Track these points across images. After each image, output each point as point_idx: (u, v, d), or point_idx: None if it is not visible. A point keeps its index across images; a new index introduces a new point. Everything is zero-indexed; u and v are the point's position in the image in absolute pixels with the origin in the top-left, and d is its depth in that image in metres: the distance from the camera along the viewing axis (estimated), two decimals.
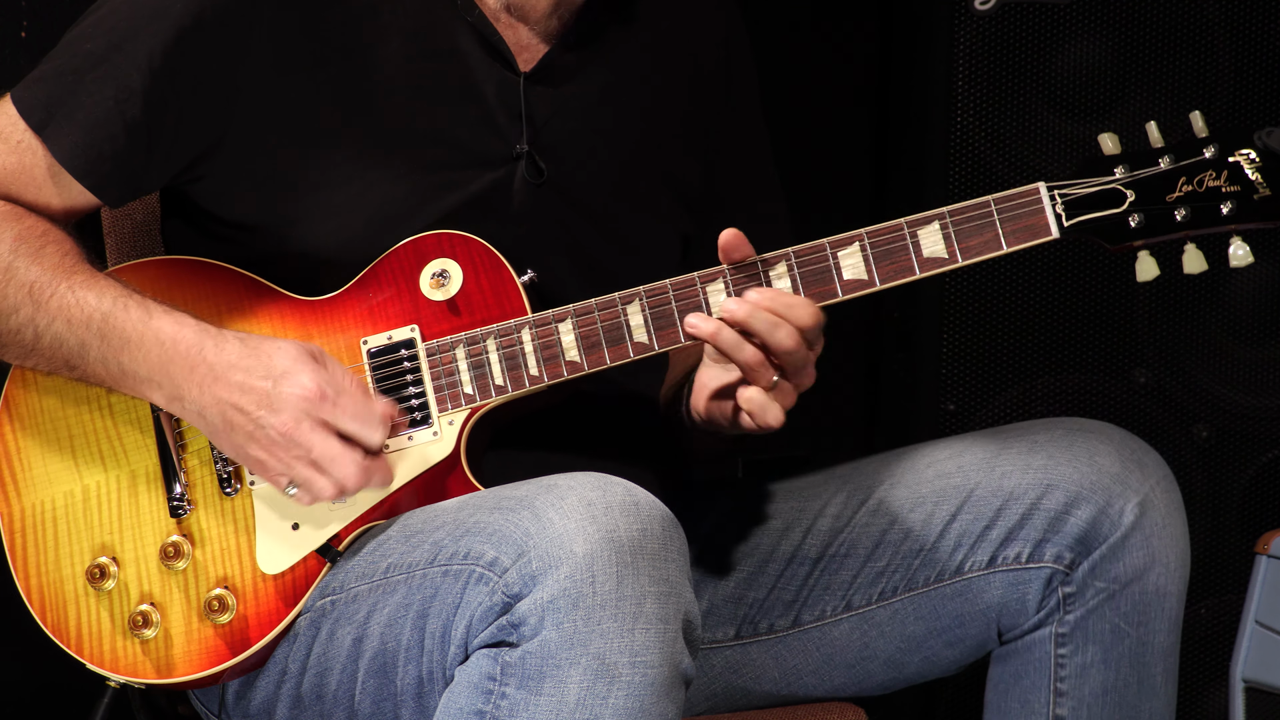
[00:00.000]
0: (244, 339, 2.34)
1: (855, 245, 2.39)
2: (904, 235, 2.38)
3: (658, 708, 2.18)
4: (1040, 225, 2.38)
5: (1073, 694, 2.52)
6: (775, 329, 2.35)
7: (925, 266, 2.38)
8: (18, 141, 2.42)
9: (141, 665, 2.38)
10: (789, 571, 2.61)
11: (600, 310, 2.41)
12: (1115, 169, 2.38)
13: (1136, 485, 2.50)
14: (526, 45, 2.52)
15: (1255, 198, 2.35)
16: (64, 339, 2.37)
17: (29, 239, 2.39)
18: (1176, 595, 2.52)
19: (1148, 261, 2.39)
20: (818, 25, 3.61)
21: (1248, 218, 2.36)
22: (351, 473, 2.30)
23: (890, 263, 2.38)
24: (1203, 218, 2.36)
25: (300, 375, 2.30)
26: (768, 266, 2.40)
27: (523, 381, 2.41)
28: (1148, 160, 2.38)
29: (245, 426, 2.31)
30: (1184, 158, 2.37)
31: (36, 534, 2.41)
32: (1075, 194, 2.38)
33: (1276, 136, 2.33)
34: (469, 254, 2.43)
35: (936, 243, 2.38)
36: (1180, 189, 2.37)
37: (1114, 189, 2.38)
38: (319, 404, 2.30)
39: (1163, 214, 2.37)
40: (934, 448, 2.61)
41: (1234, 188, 2.36)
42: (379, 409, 2.33)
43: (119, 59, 2.40)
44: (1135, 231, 2.37)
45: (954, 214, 2.38)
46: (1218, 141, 2.36)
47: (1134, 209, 2.38)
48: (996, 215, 2.38)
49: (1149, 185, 2.37)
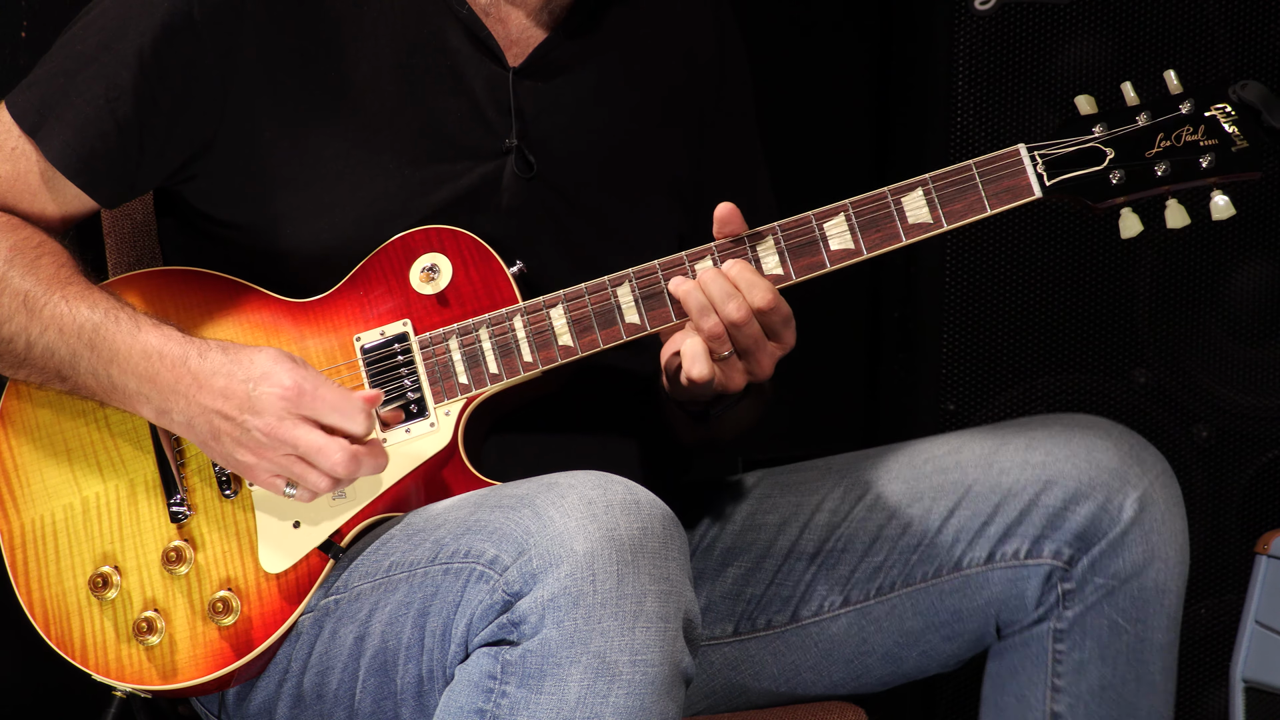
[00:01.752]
0: (226, 348, 2.34)
1: (840, 216, 2.41)
2: (888, 203, 2.40)
3: (658, 706, 2.19)
4: (1022, 186, 2.39)
5: (1070, 689, 2.52)
6: (728, 299, 2.36)
7: (911, 233, 2.40)
8: (12, 148, 2.43)
9: (147, 672, 2.38)
10: (786, 567, 2.62)
11: (590, 293, 2.42)
12: (1094, 128, 2.40)
13: (1136, 481, 2.50)
14: (516, 40, 2.53)
15: (1233, 150, 2.37)
16: (56, 349, 2.37)
17: (24, 250, 2.40)
18: (1176, 591, 2.52)
19: (1130, 218, 2.40)
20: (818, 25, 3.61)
21: (1227, 169, 2.37)
22: (340, 460, 2.30)
23: (876, 230, 2.40)
24: (1183, 172, 2.38)
25: (278, 375, 2.31)
26: (755, 241, 2.41)
27: (517, 369, 2.42)
28: (1125, 118, 2.40)
29: (231, 432, 2.32)
30: (1161, 114, 2.39)
31: (37, 548, 2.41)
32: (1055, 154, 2.39)
33: (1251, 89, 2.36)
34: (457, 247, 2.44)
35: (921, 208, 2.39)
36: (1159, 145, 2.38)
37: (1093, 147, 2.39)
38: (298, 400, 2.30)
39: (1143, 169, 2.38)
40: (932, 443, 2.61)
41: (1212, 141, 2.37)
42: (360, 395, 2.33)
43: (108, 58, 2.41)
44: (1117, 188, 2.39)
45: (936, 179, 2.40)
46: (1193, 97, 2.39)
47: (1114, 166, 2.39)
48: (979, 178, 2.39)
49: (1128, 142, 2.39)
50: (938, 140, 3.30)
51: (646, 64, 2.61)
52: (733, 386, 2.42)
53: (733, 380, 2.41)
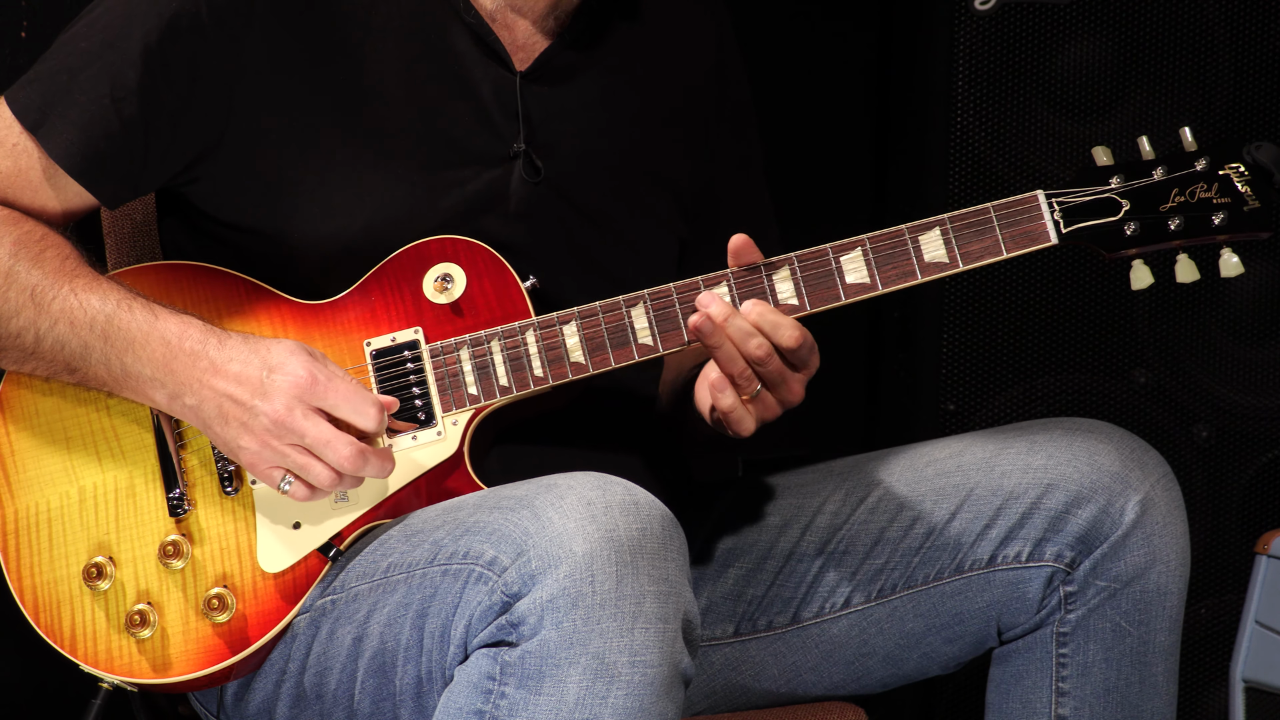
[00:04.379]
0: (246, 337, 2.34)
1: (857, 250, 2.41)
2: (905, 240, 2.41)
3: (657, 707, 2.18)
4: (1039, 232, 2.41)
5: (1074, 694, 2.52)
6: (748, 338, 2.36)
7: (927, 271, 2.41)
8: (13, 145, 2.42)
9: (138, 664, 2.37)
10: (787, 568, 2.62)
11: (605, 313, 2.42)
12: (1111, 179, 2.42)
13: (1137, 484, 2.51)
14: (523, 45, 2.52)
15: (1245, 209, 2.40)
16: (66, 341, 2.36)
17: (28, 243, 2.39)
18: (1177, 594, 2.52)
19: (1142, 270, 2.43)
20: (818, 25, 3.61)
21: (1238, 228, 2.40)
22: (347, 454, 2.30)
23: (892, 267, 2.41)
24: (1195, 227, 2.41)
25: (293, 365, 2.30)
26: (771, 270, 2.41)
27: (527, 383, 2.41)
28: (1142, 171, 2.42)
29: (239, 416, 2.31)
30: (1176, 169, 2.42)
31: (31, 535, 2.41)
32: (1073, 202, 2.42)
33: (1265, 151, 2.39)
34: (472, 258, 2.44)
35: (938, 248, 2.41)
36: (1173, 199, 2.41)
37: (1110, 198, 2.42)
38: (310, 390, 2.30)
39: (1157, 223, 2.41)
40: (933, 446, 2.61)
41: (1225, 199, 2.41)
42: (375, 396, 2.33)
43: (113, 56, 2.40)
44: (1131, 240, 2.41)
45: (954, 220, 2.41)
46: (1208, 154, 2.42)
47: (1129, 217, 2.41)
48: (996, 221, 2.41)
49: (1144, 195, 2.41)
50: (938, 140, 3.30)
51: (649, 72, 2.61)
52: (770, 418, 2.43)
53: (769, 413, 2.42)
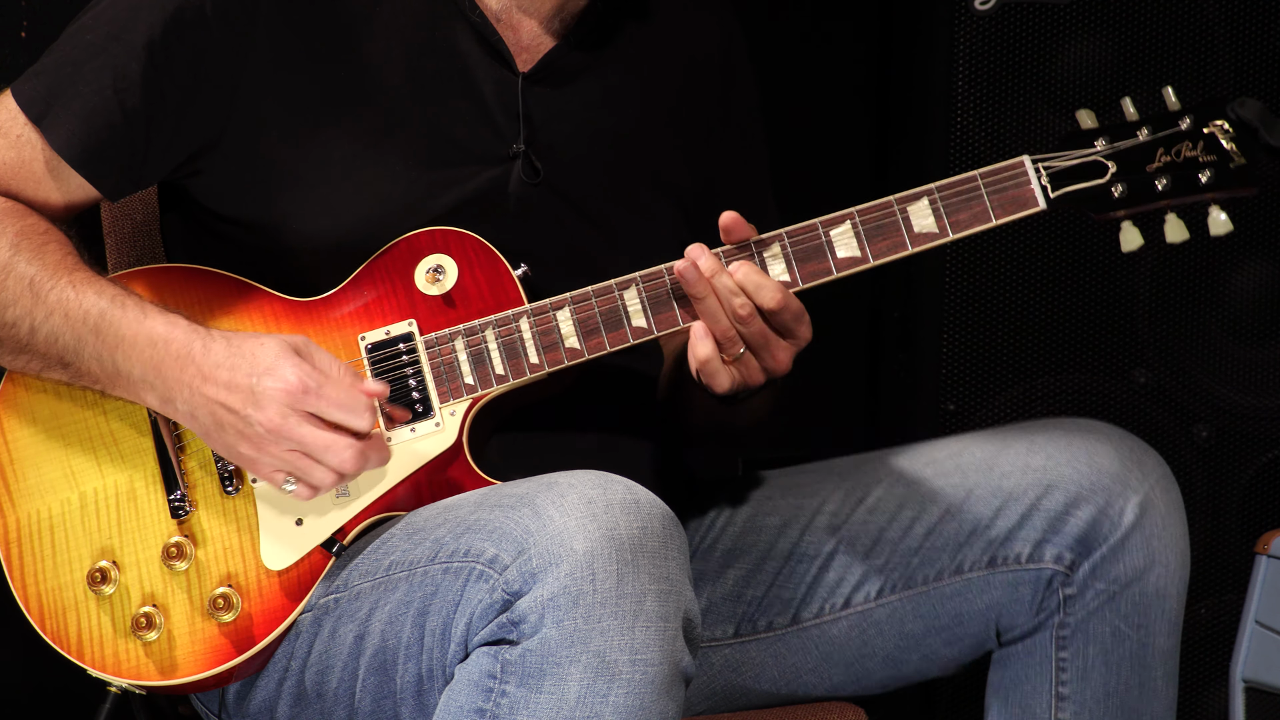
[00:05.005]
0: (229, 338, 2.34)
1: (847, 223, 2.41)
2: (894, 212, 2.41)
3: (658, 706, 2.19)
4: (1027, 197, 2.41)
5: (1074, 697, 2.52)
6: (732, 297, 2.37)
7: (917, 241, 2.41)
8: (17, 136, 2.42)
9: (145, 667, 2.38)
10: (787, 569, 2.62)
11: (597, 296, 2.42)
12: (1095, 141, 2.42)
13: (1136, 485, 2.51)
14: (527, 46, 2.53)
15: (1231, 166, 2.40)
16: (60, 334, 2.37)
17: (31, 235, 2.39)
18: (1176, 596, 2.52)
19: (1131, 231, 2.42)
20: (818, 25, 3.61)
21: (1226, 185, 2.40)
22: (348, 457, 2.30)
23: (883, 238, 2.41)
24: (1183, 186, 2.40)
25: (282, 370, 2.30)
26: (762, 247, 2.42)
27: (523, 370, 2.42)
28: (1126, 132, 2.42)
29: (235, 425, 2.31)
30: (1161, 129, 2.41)
31: (33, 543, 2.41)
32: (1059, 166, 2.41)
33: (1249, 107, 2.38)
34: (463, 249, 2.44)
35: (927, 218, 2.41)
36: (1159, 159, 2.41)
37: (1096, 161, 2.41)
38: (302, 397, 2.30)
39: (1144, 183, 2.41)
40: (933, 447, 2.61)
41: (1211, 157, 2.40)
42: (366, 389, 2.33)
43: (117, 48, 2.40)
44: (1119, 201, 2.41)
45: (942, 189, 2.41)
46: (1192, 113, 2.41)
47: (1116, 179, 2.41)
48: (984, 189, 2.40)
49: (1130, 156, 2.41)
50: (938, 140, 3.30)
51: (654, 75, 2.61)
52: (753, 383, 2.42)
53: (752, 377, 2.41)
